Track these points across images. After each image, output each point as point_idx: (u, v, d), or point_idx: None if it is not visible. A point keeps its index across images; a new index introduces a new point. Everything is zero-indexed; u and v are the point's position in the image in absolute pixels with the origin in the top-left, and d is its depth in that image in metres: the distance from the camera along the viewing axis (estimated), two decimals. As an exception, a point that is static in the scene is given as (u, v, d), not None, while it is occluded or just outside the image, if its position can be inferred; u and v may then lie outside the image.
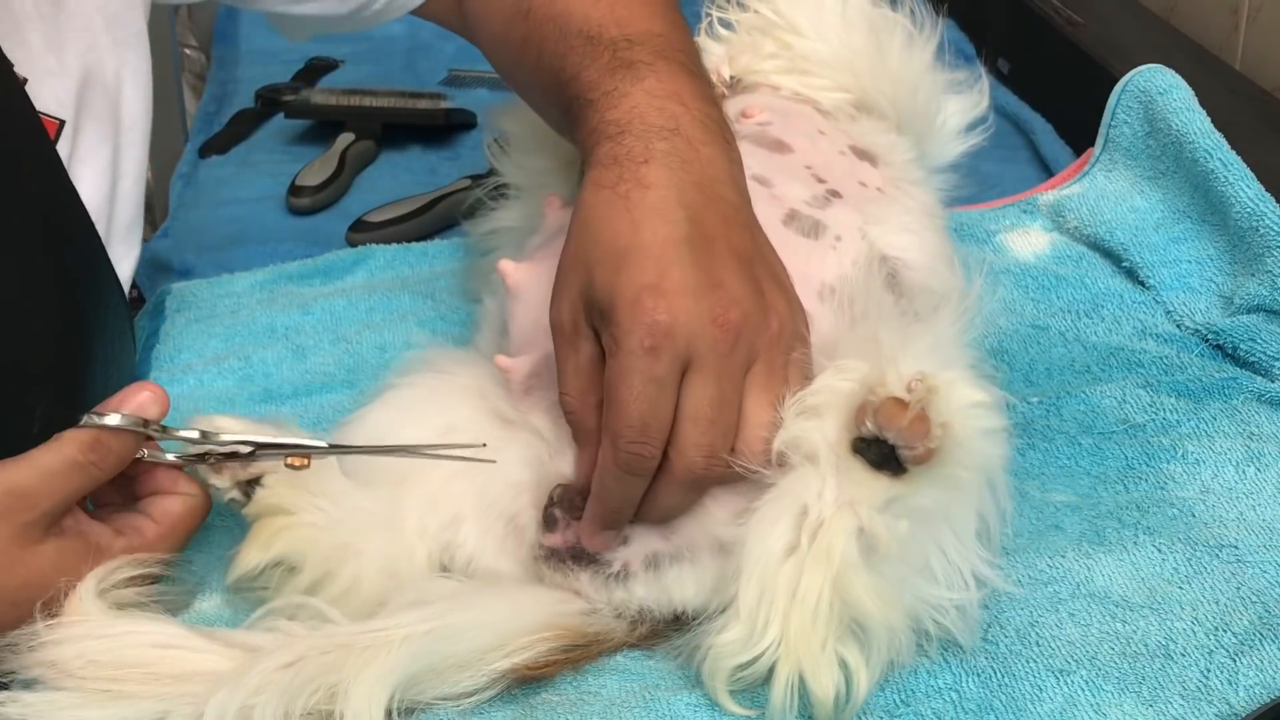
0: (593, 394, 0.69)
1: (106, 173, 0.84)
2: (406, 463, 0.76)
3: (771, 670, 0.65)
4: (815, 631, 0.64)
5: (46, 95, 0.80)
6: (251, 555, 0.72)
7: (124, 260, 0.88)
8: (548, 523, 0.73)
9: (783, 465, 0.67)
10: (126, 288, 0.89)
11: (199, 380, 0.97)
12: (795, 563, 0.65)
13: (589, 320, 0.68)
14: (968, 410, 0.64)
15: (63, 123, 0.81)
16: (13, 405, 0.78)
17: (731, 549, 0.68)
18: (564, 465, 0.74)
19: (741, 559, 0.66)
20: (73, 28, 0.82)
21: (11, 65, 0.78)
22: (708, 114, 0.74)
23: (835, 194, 0.83)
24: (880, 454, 0.64)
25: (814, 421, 0.66)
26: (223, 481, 0.74)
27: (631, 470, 0.67)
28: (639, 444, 0.66)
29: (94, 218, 0.84)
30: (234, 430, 0.74)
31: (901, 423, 0.63)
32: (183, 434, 0.73)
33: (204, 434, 0.73)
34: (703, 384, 0.66)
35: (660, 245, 0.67)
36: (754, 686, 0.67)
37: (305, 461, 0.73)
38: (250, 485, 0.73)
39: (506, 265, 0.80)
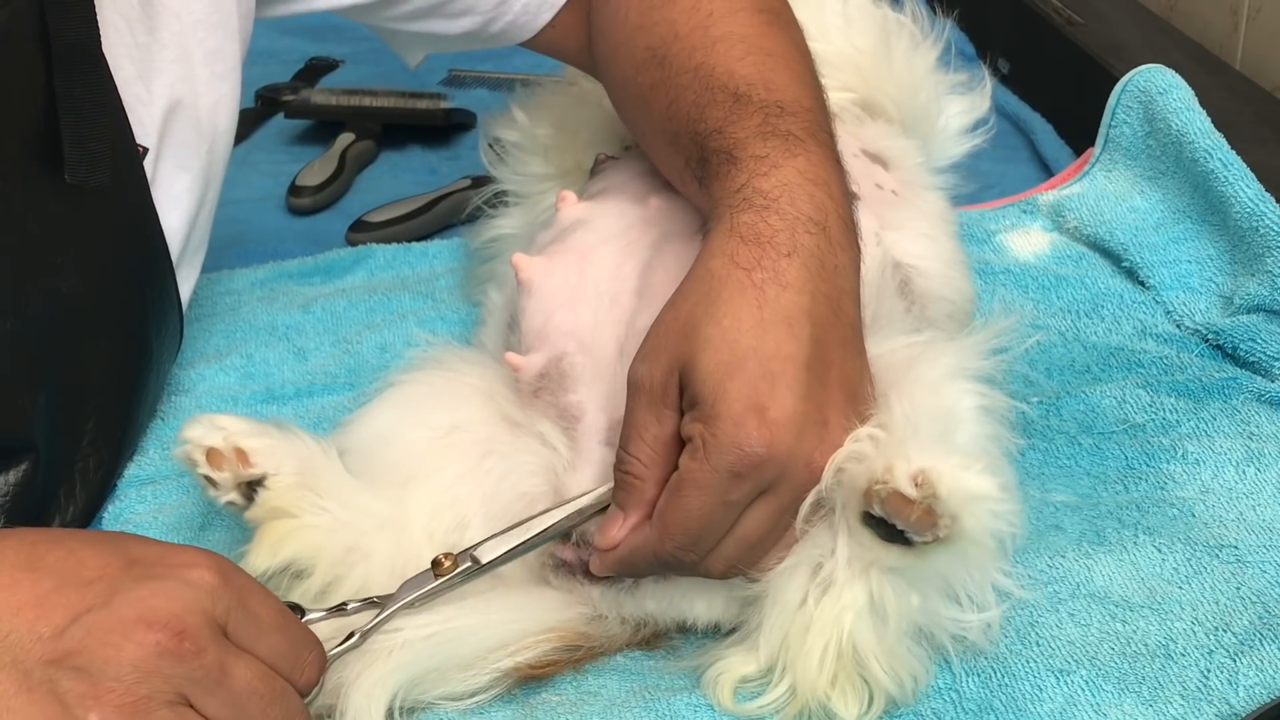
0: (662, 469, 0.66)
1: (181, 200, 0.85)
2: (412, 463, 0.76)
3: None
4: (823, 676, 0.65)
5: (133, 123, 0.80)
6: (260, 560, 0.71)
7: (185, 282, 0.89)
8: (562, 536, 0.73)
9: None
10: (186, 304, 0.89)
11: (200, 375, 0.97)
12: (805, 617, 0.66)
13: (678, 392, 0.66)
14: (976, 503, 0.63)
15: (145, 150, 0.81)
16: (69, 418, 0.79)
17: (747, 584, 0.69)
18: (577, 483, 0.73)
19: (765, 611, 0.67)
20: (164, 59, 0.82)
21: (119, 94, 0.78)
22: (848, 213, 0.71)
23: (854, 196, 0.82)
24: (890, 532, 0.64)
25: (832, 479, 0.65)
26: (223, 481, 0.73)
27: (669, 567, 0.67)
28: (686, 551, 0.66)
29: (169, 243, 0.84)
30: (236, 428, 0.73)
31: (909, 517, 0.62)
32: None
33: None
34: (765, 513, 0.66)
35: (781, 361, 0.64)
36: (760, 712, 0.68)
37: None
38: (253, 487, 0.72)
39: (520, 259, 0.80)
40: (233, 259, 1.15)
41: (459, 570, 0.69)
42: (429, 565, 0.69)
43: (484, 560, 0.69)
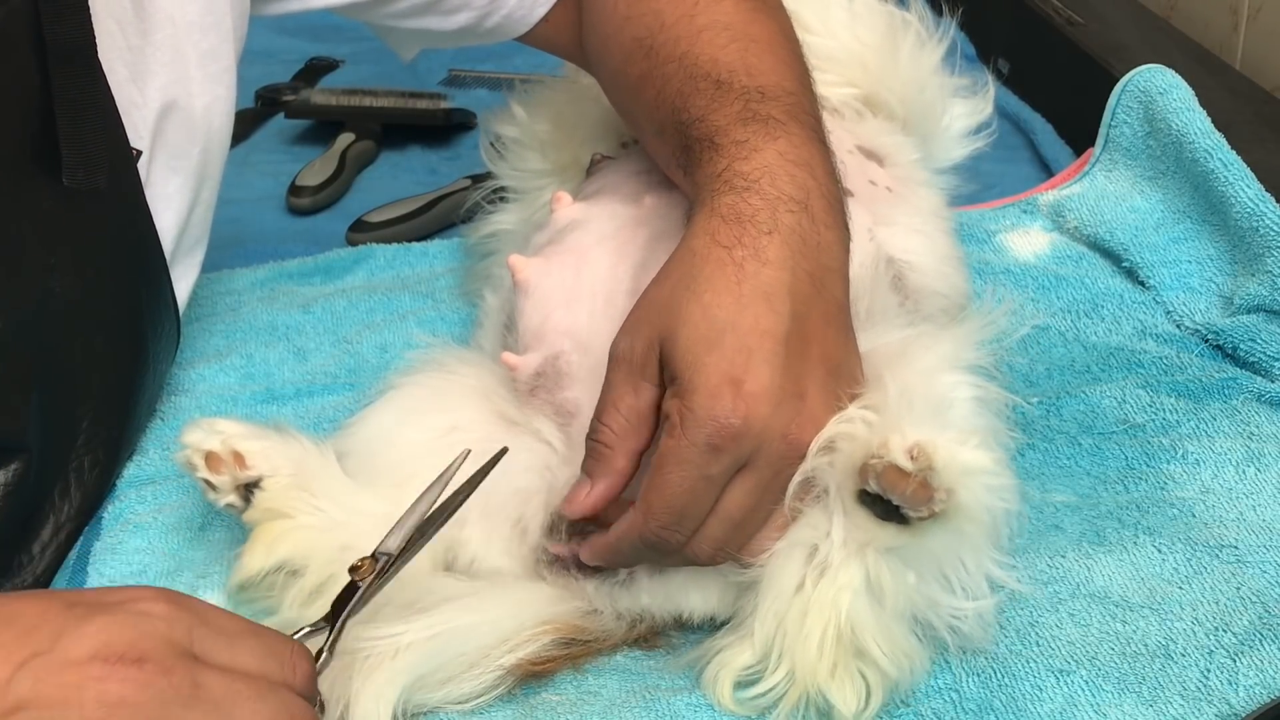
0: (634, 440, 0.67)
1: (173, 200, 0.85)
2: (409, 463, 0.76)
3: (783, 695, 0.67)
4: (823, 662, 0.65)
5: (127, 125, 0.80)
6: (255, 560, 0.71)
7: (183, 280, 0.89)
8: (553, 531, 0.73)
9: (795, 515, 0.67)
10: (184, 303, 0.89)
11: (200, 375, 0.97)
12: (803, 601, 0.65)
13: (658, 366, 0.67)
14: (971, 476, 0.63)
15: (139, 153, 0.81)
16: (63, 418, 0.79)
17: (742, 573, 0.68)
18: (572, 478, 0.72)
19: (759, 596, 0.67)
20: (157, 61, 0.82)
21: (113, 96, 0.78)
22: (833, 192, 0.71)
23: (846, 191, 0.83)
24: (886, 509, 0.64)
25: (824, 458, 0.66)
26: (221, 484, 0.73)
27: (654, 548, 0.67)
28: (670, 530, 0.66)
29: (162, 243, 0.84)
30: (233, 431, 0.73)
31: (904, 490, 0.62)
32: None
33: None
34: (745, 489, 0.66)
35: (758, 336, 0.64)
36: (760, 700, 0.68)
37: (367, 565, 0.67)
38: (250, 489, 0.73)
39: (516, 260, 0.80)
40: (233, 259, 1.15)
41: (378, 567, 0.66)
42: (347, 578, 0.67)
43: (394, 550, 0.67)
